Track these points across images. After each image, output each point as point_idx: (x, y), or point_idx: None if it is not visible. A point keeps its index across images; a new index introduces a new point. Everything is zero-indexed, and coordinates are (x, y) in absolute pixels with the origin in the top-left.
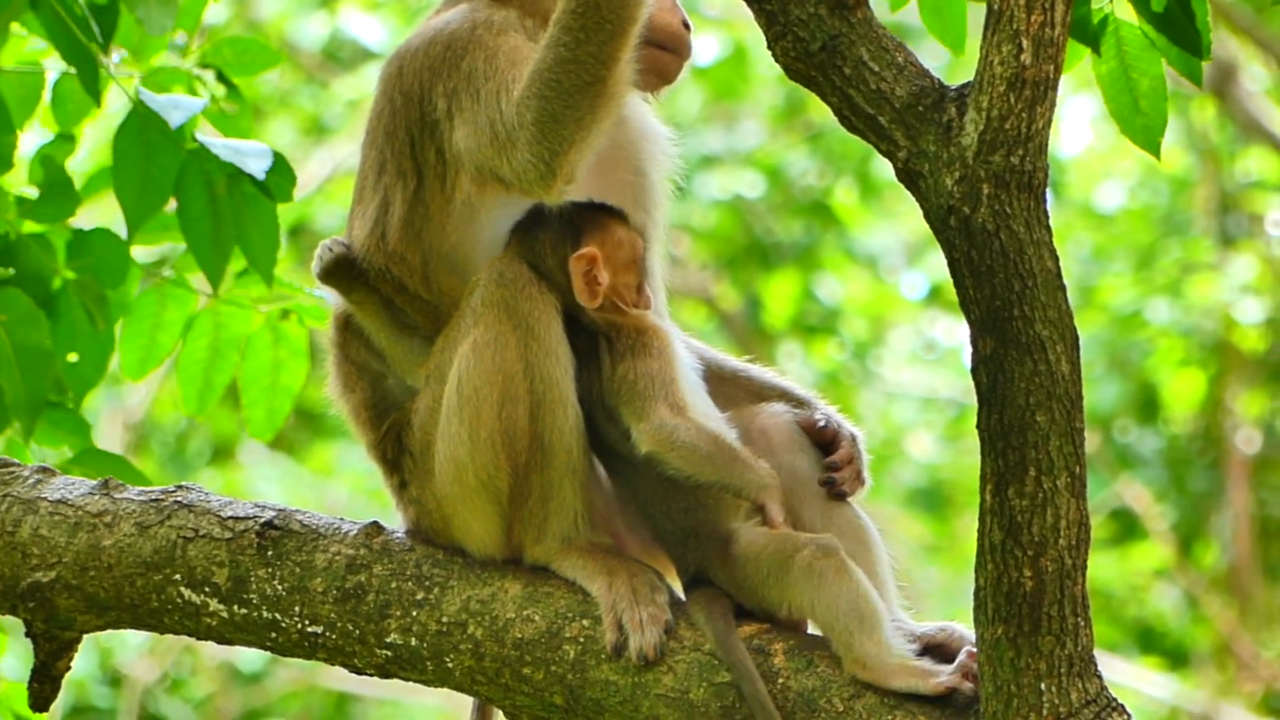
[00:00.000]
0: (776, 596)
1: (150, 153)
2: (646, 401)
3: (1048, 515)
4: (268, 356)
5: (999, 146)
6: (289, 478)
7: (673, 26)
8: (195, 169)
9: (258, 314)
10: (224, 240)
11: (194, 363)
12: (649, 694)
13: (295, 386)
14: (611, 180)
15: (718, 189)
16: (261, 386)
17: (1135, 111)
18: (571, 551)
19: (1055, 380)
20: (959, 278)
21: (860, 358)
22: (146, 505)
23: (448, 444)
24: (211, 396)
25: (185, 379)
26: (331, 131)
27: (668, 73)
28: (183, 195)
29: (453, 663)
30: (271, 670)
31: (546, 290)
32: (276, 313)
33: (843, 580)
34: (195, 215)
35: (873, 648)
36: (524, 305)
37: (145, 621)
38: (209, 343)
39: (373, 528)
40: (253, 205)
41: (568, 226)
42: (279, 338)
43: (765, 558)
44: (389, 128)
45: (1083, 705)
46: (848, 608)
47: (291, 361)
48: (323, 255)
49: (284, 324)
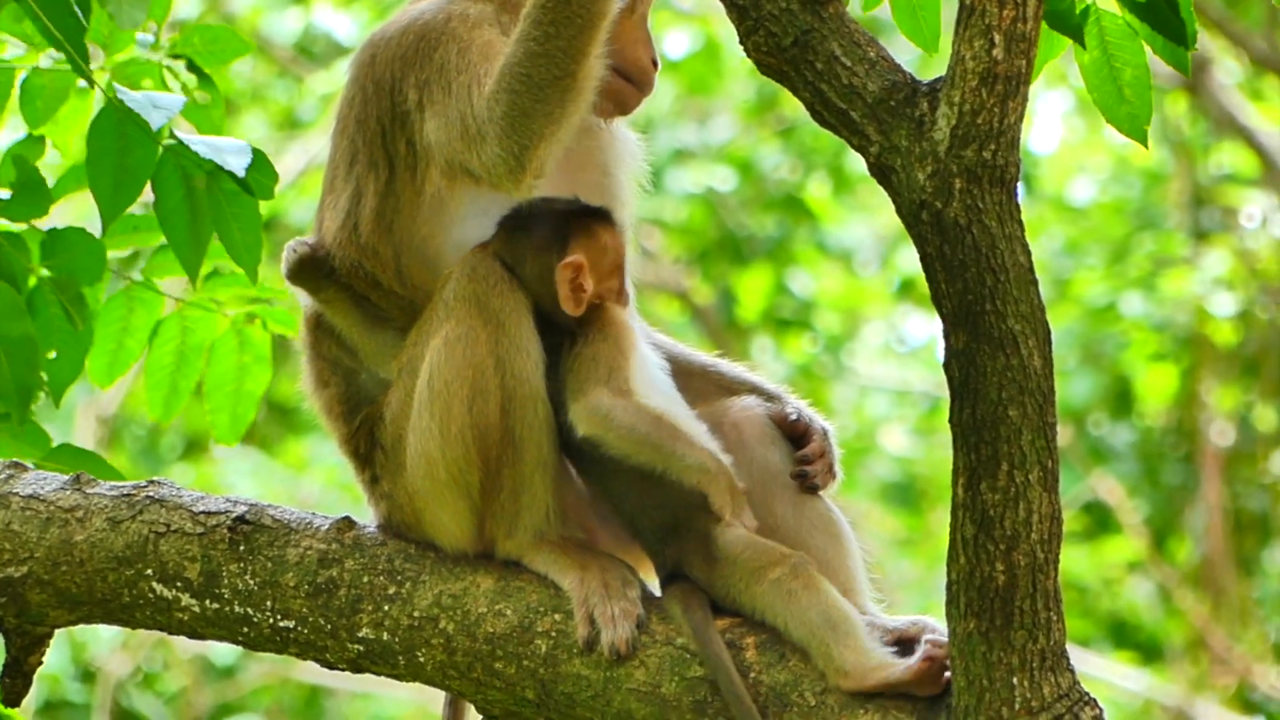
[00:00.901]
0: (748, 603)
1: (126, 147)
2: (585, 382)
3: (1020, 509)
4: (232, 361)
5: (971, 141)
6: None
7: (641, 62)
8: (171, 164)
9: (223, 318)
10: (201, 236)
11: (161, 368)
12: (621, 688)
13: (259, 391)
14: (580, 180)
15: (690, 183)
16: (226, 392)
17: (1120, 101)
18: (543, 546)
19: (1027, 375)
20: (931, 272)
21: (833, 352)
22: (118, 500)
23: (419, 438)
24: (178, 402)
25: (152, 384)
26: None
27: (626, 104)
28: (160, 190)
29: (424, 657)
30: (244, 664)
31: (518, 287)
32: (242, 317)
33: (812, 595)
34: (172, 210)
35: (851, 655)
36: (495, 301)
37: (117, 616)
38: (176, 347)
39: (345, 523)
40: (234, 202)
41: (554, 233)
42: (244, 342)
43: (741, 563)
44: (360, 116)
45: (1055, 699)
46: (820, 620)
47: (256, 367)
48: (289, 256)
49: (249, 328)
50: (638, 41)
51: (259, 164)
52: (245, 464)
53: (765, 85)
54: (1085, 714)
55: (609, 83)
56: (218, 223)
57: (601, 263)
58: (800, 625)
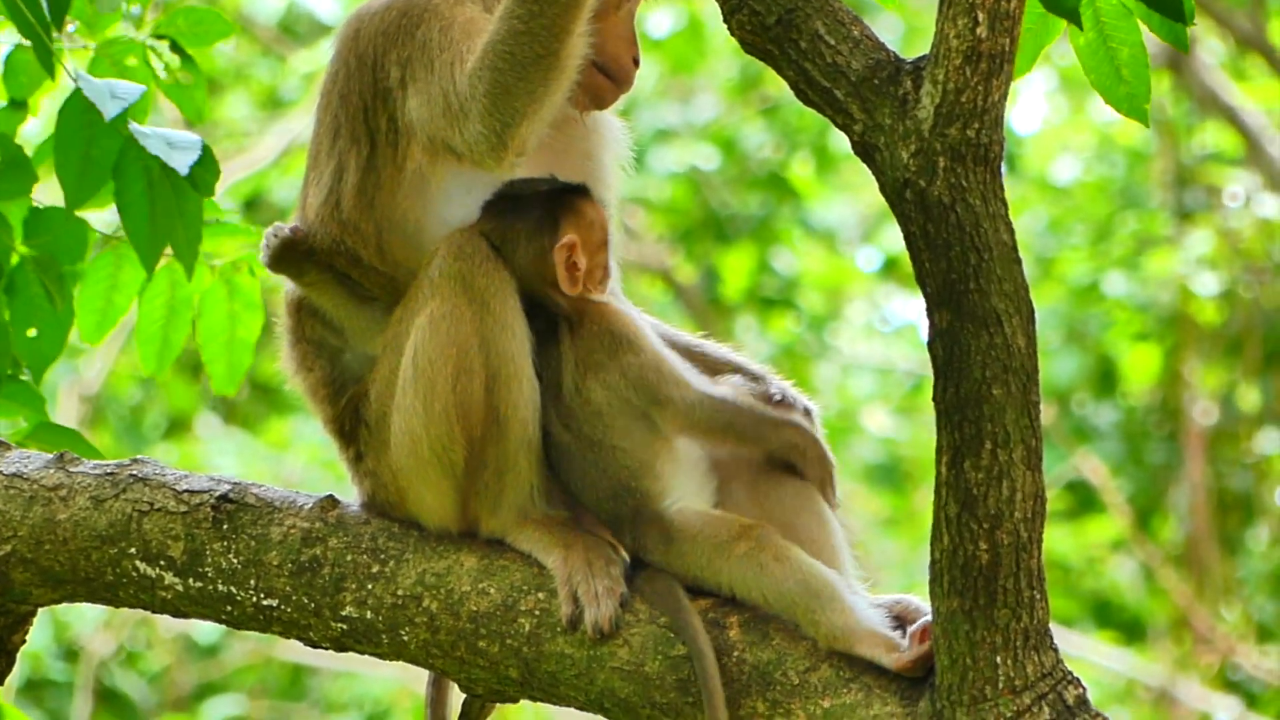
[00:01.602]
0: (713, 579)
1: (93, 135)
2: (657, 390)
3: (1003, 488)
4: (223, 311)
5: (955, 120)
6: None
7: (622, 59)
8: (134, 154)
9: (210, 269)
10: (159, 227)
11: (152, 322)
12: (604, 667)
13: (252, 338)
14: (563, 164)
15: (674, 162)
16: (220, 342)
17: (1118, 80)
18: (527, 524)
19: (1011, 353)
20: (915, 251)
21: (816, 331)
22: (102, 479)
23: (403, 416)
24: (170, 355)
25: (144, 339)
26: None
27: (602, 99)
28: (121, 180)
29: (408, 636)
30: (227, 643)
31: (504, 265)
32: (229, 265)
33: (785, 565)
34: (132, 200)
35: (838, 617)
36: (480, 280)
37: (101, 595)
38: (165, 301)
39: (328, 501)
40: (181, 196)
41: (544, 215)
42: (233, 291)
43: (702, 540)
44: (343, 91)
45: (1038, 678)
46: (798, 588)
47: (246, 314)
48: (269, 242)
49: (237, 276)
50: (621, 38)
51: (204, 160)
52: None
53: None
54: (1068, 693)
55: (588, 76)
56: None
57: (591, 239)
58: (780, 597)
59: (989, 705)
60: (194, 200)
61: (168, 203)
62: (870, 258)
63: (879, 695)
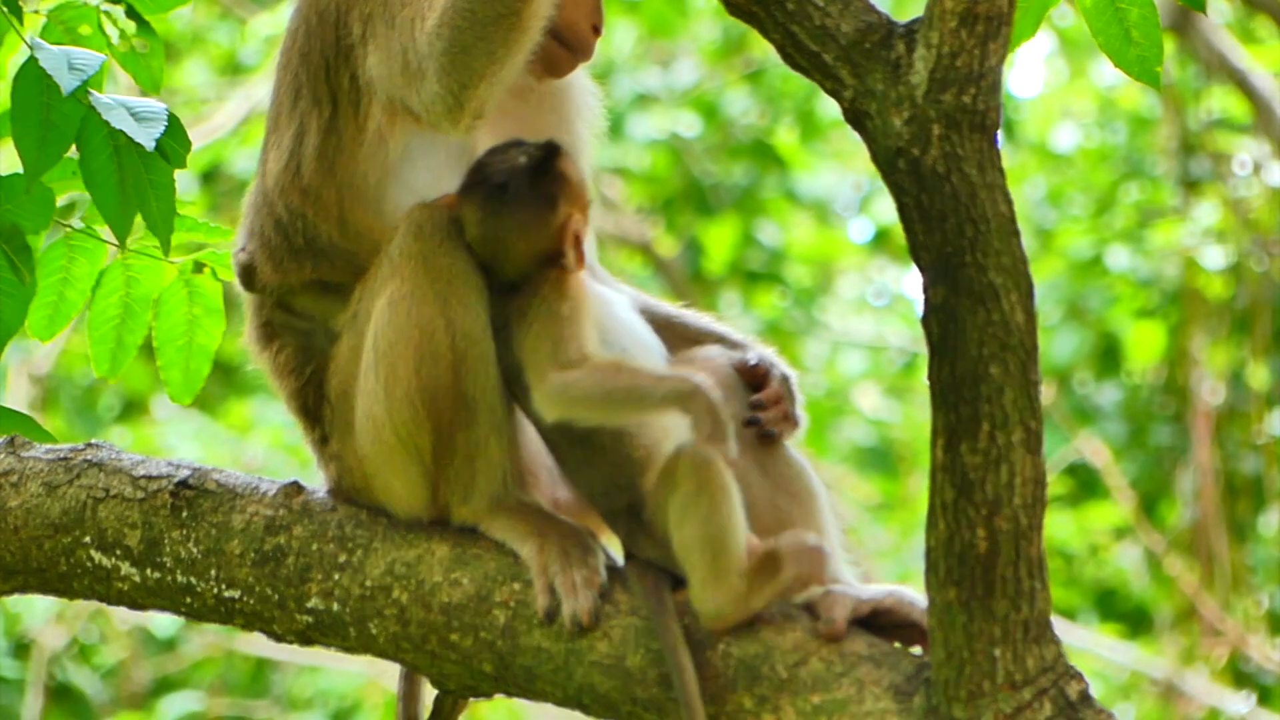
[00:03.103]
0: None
1: (50, 102)
2: (536, 369)
3: (1002, 472)
4: (182, 314)
5: (950, 85)
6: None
7: (580, 28)
8: (97, 121)
9: (170, 268)
10: (130, 196)
11: (105, 321)
12: (583, 661)
13: (212, 345)
14: (533, 132)
15: (653, 129)
16: (177, 346)
17: (1128, 43)
18: (500, 512)
19: (1009, 330)
20: (908, 223)
21: (804, 306)
22: (55, 464)
23: (365, 401)
24: (125, 357)
25: (96, 339)
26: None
27: (558, 68)
28: (85, 148)
29: (377, 629)
30: (186, 636)
31: (464, 243)
32: (189, 265)
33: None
34: (98, 168)
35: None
36: (442, 260)
37: (54, 586)
38: (120, 299)
39: (292, 487)
40: (151, 168)
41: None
42: (193, 293)
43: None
44: (304, 50)
45: (1039, 672)
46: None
47: (207, 319)
48: (237, 268)
49: (198, 278)
50: (581, 6)
51: (173, 130)
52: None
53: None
54: (1071, 688)
55: (545, 46)
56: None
57: (581, 202)
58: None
59: (987, 701)
60: (165, 171)
61: (137, 170)
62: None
63: (872, 691)
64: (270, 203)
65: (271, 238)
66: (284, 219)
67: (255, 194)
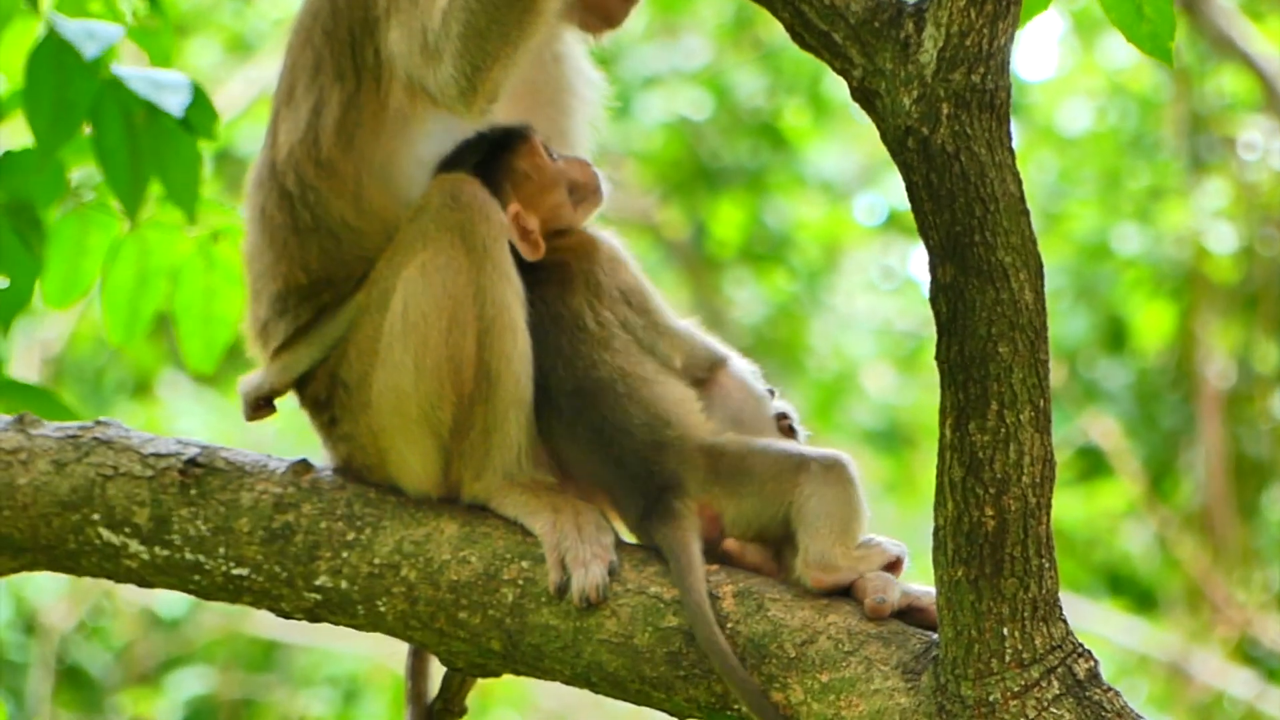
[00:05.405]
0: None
1: (65, 78)
2: (652, 314)
3: (1010, 451)
4: (200, 284)
5: (959, 64)
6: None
7: None
8: (112, 97)
9: (186, 238)
10: (142, 171)
11: (119, 290)
12: (591, 639)
13: (232, 315)
14: (537, 119)
15: (662, 110)
16: (196, 317)
17: (1139, 18)
18: (513, 488)
19: (1018, 310)
20: (917, 202)
21: (812, 287)
22: (64, 442)
23: (390, 373)
24: (139, 326)
25: (111, 308)
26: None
27: (613, 15)
28: (99, 124)
29: (385, 607)
30: (194, 616)
31: (501, 212)
32: (207, 236)
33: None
34: (112, 145)
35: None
36: (480, 228)
37: (62, 564)
38: (135, 270)
39: (301, 465)
40: (172, 139)
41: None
42: (211, 263)
43: (759, 471)
44: (328, 26)
45: (1047, 651)
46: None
47: (226, 288)
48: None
49: (216, 248)
50: None
51: (198, 102)
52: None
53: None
54: (1079, 666)
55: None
56: (156, 161)
57: (529, 192)
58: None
59: (995, 679)
60: (189, 143)
61: (149, 146)
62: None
63: (880, 669)
64: (279, 174)
65: (275, 215)
66: (294, 193)
67: (260, 168)
